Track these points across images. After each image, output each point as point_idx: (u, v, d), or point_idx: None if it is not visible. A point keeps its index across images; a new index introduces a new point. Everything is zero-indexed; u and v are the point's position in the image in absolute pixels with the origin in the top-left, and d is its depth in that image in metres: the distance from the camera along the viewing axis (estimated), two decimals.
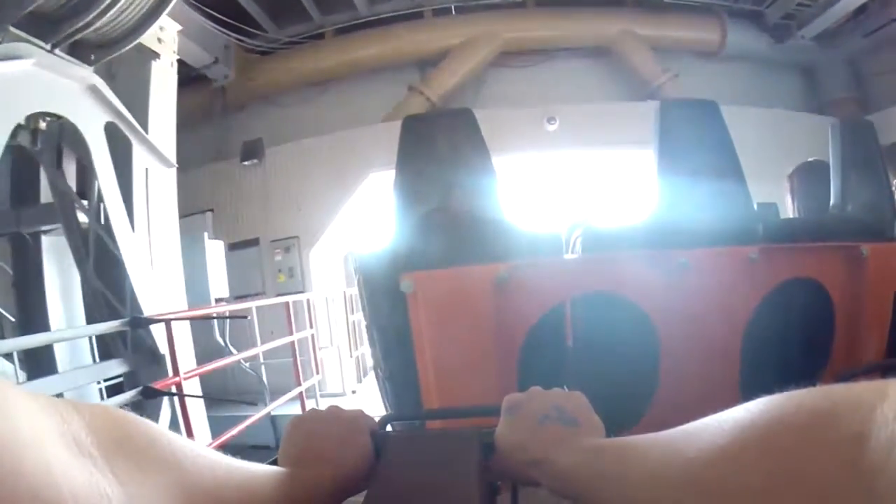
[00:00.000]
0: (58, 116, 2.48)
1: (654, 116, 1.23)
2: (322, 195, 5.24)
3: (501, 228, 1.09)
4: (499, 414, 0.46)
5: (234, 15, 5.13)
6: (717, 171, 1.20)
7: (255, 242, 5.42)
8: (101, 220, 2.74)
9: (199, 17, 4.68)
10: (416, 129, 1.12)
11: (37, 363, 2.82)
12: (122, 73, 3.08)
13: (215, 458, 0.32)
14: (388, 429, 0.54)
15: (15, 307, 3.04)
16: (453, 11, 5.86)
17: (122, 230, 2.73)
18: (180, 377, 2.45)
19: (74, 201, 2.77)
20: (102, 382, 2.96)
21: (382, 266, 1.07)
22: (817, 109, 5.97)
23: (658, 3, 5.76)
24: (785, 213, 2.13)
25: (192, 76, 5.48)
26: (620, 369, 1.09)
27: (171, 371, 2.51)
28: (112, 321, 2.51)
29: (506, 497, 0.50)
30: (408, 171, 1.09)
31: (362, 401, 4.67)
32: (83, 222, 2.81)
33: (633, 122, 4.58)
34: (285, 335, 3.63)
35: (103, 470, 0.21)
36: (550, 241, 1.14)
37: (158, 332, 2.62)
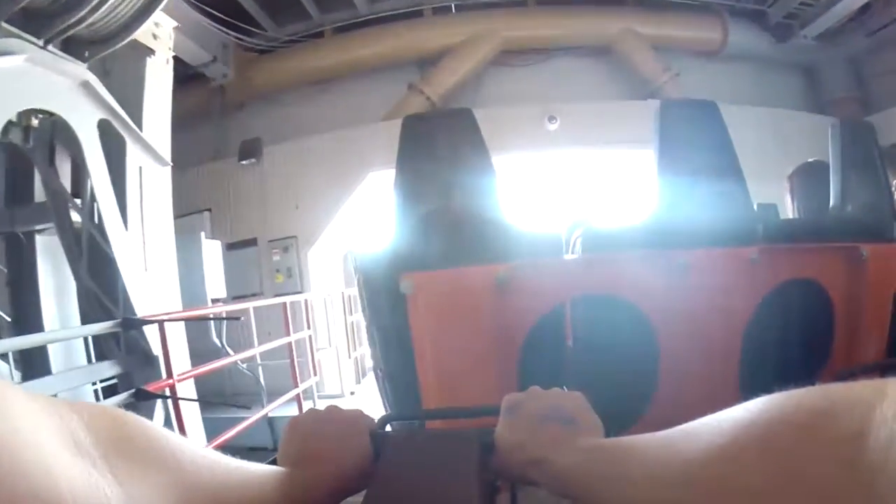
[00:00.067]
0: (50, 113, 2.44)
1: (654, 117, 1.23)
2: (321, 195, 5.21)
3: (501, 229, 1.08)
4: (498, 414, 0.46)
5: (232, 13, 5.11)
6: (716, 171, 1.20)
7: (252, 242, 5.40)
8: (94, 220, 2.71)
9: (197, 14, 4.66)
10: (416, 129, 1.12)
11: (31, 364, 2.80)
12: (117, 69, 3.05)
13: (214, 457, 0.32)
14: (388, 429, 0.54)
15: (9, 306, 3.03)
16: (453, 10, 5.84)
17: (114, 229, 2.70)
18: (174, 379, 2.42)
19: (67, 200, 2.74)
20: (99, 383, 2.94)
21: (382, 266, 1.07)
22: (819, 109, 5.95)
23: (659, 2, 5.75)
24: (785, 213, 2.14)
25: (191, 75, 5.46)
26: (620, 369, 1.09)
27: (164, 373, 2.48)
28: (104, 322, 2.48)
29: (505, 497, 0.50)
30: (408, 171, 1.09)
31: (361, 402, 4.66)
32: (76, 221, 2.77)
33: (634, 121, 4.58)
34: (283, 336, 3.62)
35: (102, 470, 0.22)
36: (550, 242, 1.14)
37: (152, 333, 2.59)
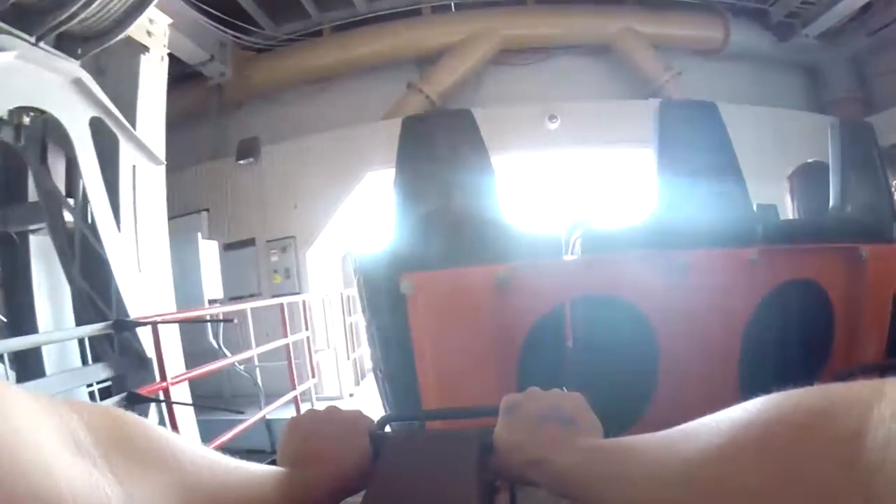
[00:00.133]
0: (42, 111, 2.41)
1: (654, 117, 1.23)
2: (319, 194, 5.19)
3: (501, 229, 1.08)
4: (497, 414, 0.46)
5: (230, 12, 5.09)
6: (716, 171, 1.20)
7: (250, 243, 5.38)
8: (86, 220, 2.66)
9: (194, 12, 4.63)
10: (416, 129, 1.12)
11: (26, 365, 2.78)
12: (112, 67, 3.01)
13: (214, 458, 0.32)
14: (388, 429, 0.54)
15: (3, 307, 3.00)
16: (453, 8, 5.83)
17: (107, 229, 2.65)
18: (167, 382, 2.38)
19: (60, 200, 2.70)
20: (95, 385, 2.91)
21: (382, 267, 1.06)
22: (820, 109, 5.93)
23: (660, 1, 5.72)
24: (785, 213, 2.14)
25: (188, 73, 5.44)
26: (620, 370, 1.09)
27: (158, 376, 2.44)
28: (96, 324, 2.44)
29: (504, 497, 0.50)
30: (407, 171, 1.09)
31: (360, 404, 4.64)
32: (69, 221, 2.73)
33: (635, 120, 4.56)
34: (281, 337, 3.60)
35: (102, 469, 0.22)
36: (550, 243, 1.14)
37: (146, 335, 2.55)
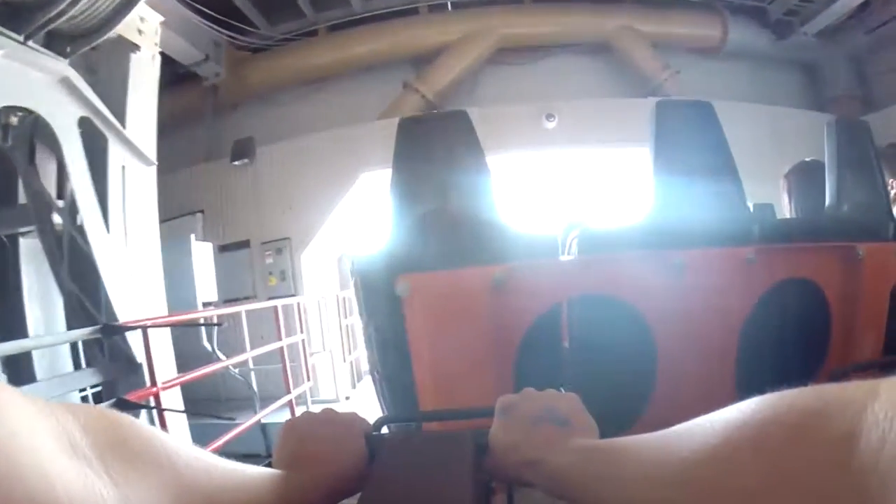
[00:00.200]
0: (30, 111, 2.38)
1: (650, 117, 1.23)
2: (315, 195, 5.17)
3: (498, 230, 1.08)
4: (493, 415, 0.46)
5: (225, 11, 5.05)
6: (712, 171, 1.21)
7: (245, 244, 5.35)
8: (75, 221, 2.62)
9: (187, 12, 4.59)
10: (412, 130, 1.12)
11: (17, 369, 2.74)
12: (103, 66, 2.96)
13: (210, 460, 0.32)
14: (384, 431, 0.54)
15: None
16: (449, 7, 5.82)
17: (95, 231, 2.60)
18: (158, 387, 2.35)
19: (48, 201, 2.66)
20: (89, 390, 2.88)
21: (379, 268, 1.06)
22: (819, 107, 5.93)
23: None
24: (781, 212, 2.14)
25: (182, 74, 5.40)
26: (617, 370, 1.09)
27: (148, 380, 2.41)
28: (84, 329, 2.41)
29: (502, 498, 0.50)
30: (404, 172, 1.09)
31: (357, 407, 4.61)
32: (58, 224, 2.69)
33: (634, 119, 4.53)
34: (276, 340, 3.57)
35: (99, 472, 0.22)
36: (547, 243, 1.14)
37: (136, 339, 2.50)
